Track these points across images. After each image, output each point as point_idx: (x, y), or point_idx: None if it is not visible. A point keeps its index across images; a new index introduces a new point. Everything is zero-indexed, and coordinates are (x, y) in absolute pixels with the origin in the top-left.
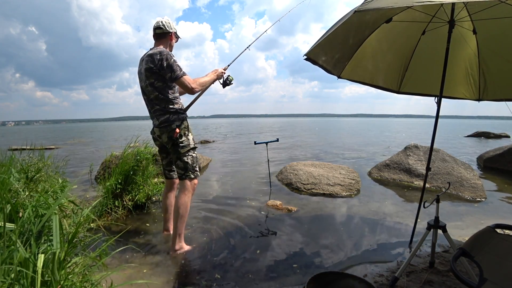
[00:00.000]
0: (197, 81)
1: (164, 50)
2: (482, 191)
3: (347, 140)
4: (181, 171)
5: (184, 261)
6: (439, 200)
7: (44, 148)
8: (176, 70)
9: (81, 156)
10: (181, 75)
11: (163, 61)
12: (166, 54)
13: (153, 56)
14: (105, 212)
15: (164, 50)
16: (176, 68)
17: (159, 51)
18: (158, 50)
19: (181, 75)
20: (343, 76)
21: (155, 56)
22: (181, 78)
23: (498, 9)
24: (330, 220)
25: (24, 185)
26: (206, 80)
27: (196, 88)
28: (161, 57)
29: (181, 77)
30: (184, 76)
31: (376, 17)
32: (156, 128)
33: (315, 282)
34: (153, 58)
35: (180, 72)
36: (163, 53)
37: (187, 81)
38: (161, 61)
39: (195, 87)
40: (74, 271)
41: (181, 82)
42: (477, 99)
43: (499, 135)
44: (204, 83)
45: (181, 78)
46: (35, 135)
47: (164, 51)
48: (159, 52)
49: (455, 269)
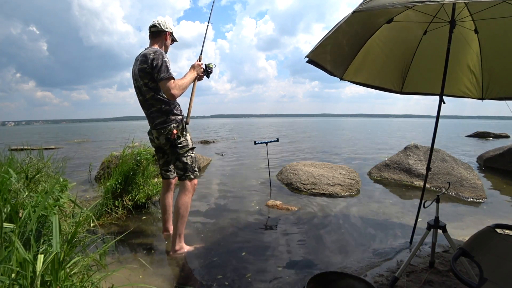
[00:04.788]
0: (178, 85)
1: (158, 50)
2: (482, 191)
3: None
4: (181, 172)
5: (184, 262)
6: (439, 200)
7: (44, 148)
8: (162, 71)
9: (81, 156)
10: (165, 77)
11: (154, 60)
12: (159, 54)
13: (147, 56)
14: (105, 212)
15: (158, 50)
16: (164, 69)
17: (153, 50)
18: (152, 49)
19: (165, 77)
20: (345, 78)
21: (148, 56)
22: (163, 81)
23: (499, 8)
24: (330, 220)
25: (24, 185)
26: (186, 82)
27: (176, 93)
28: (154, 56)
29: (165, 79)
30: (167, 79)
31: (377, 18)
32: (153, 130)
33: (315, 282)
34: (147, 58)
35: (165, 74)
36: (156, 52)
37: (168, 85)
38: (152, 60)
39: (175, 92)
40: (74, 272)
41: (163, 84)
42: (480, 98)
43: (499, 135)
44: (185, 85)
45: (163, 81)
46: (35, 135)
47: (158, 50)
48: (153, 51)
49: (455, 269)
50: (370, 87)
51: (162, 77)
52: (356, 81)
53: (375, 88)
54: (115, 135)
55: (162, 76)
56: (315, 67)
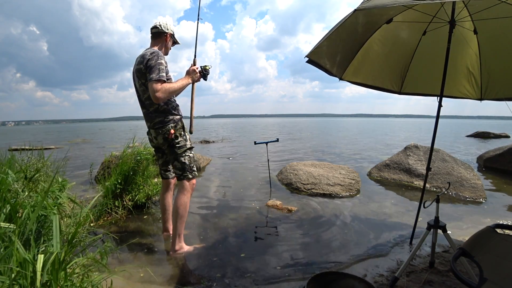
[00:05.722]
0: (164, 88)
1: (156, 51)
2: (482, 191)
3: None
4: (179, 171)
5: (184, 261)
6: (439, 200)
7: (44, 148)
8: (153, 72)
9: (81, 156)
10: (154, 79)
11: (149, 61)
12: (155, 55)
13: (144, 57)
14: (105, 212)
15: (156, 51)
16: (155, 70)
17: (150, 51)
18: (150, 50)
19: (153, 79)
20: (344, 78)
21: (145, 56)
22: (151, 82)
23: (498, 9)
24: (330, 220)
25: (23, 185)
26: (175, 87)
27: (161, 96)
28: (150, 57)
29: (153, 80)
30: (155, 81)
31: (376, 18)
32: (151, 129)
33: (315, 282)
34: (143, 59)
35: (155, 75)
36: (153, 53)
37: (154, 87)
38: (148, 61)
39: (159, 95)
40: (74, 272)
41: (150, 85)
42: (479, 98)
43: (499, 135)
44: (172, 90)
45: (151, 82)
46: (35, 135)
47: (155, 52)
48: (150, 52)
49: (455, 269)
50: (370, 87)
51: (151, 78)
52: (355, 81)
53: (374, 88)
54: (115, 135)
55: (151, 77)
56: (315, 67)
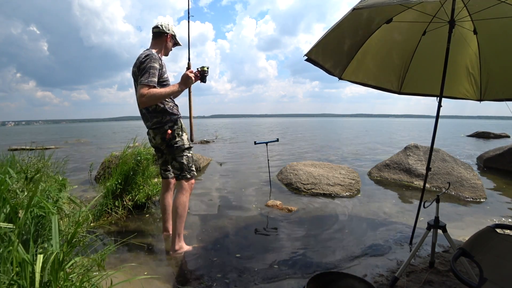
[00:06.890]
0: (150, 93)
1: (150, 53)
2: (482, 191)
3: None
4: (177, 171)
5: (184, 261)
6: (439, 200)
7: (44, 148)
8: (143, 75)
9: (81, 156)
10: (142, 82)
11: (142, 64)
12: (150, 58)
13: (139, 58)
14: (105, 212)
15: (150, 54)
16: (145, 74)
17: (146, 53)
18: (146, 52)
19: (142, 82)
20: (344, 77)
21: (140, 59)
22: (140, 85)
23: (498, 9)
24: (330, 220)
25: (23, 185)
26: (163, 93)
27: (145, 102)
28: (144, 59)
29: (141, 84)
30: (143, 85)
31: (376, 18)
32: (150, 129)
33: (315, 282)
34: (139, 61)
35: (144, 79)
36: (148, 56)
37: (142, 91)
38: (141, 63)
39: (143, 100)
40: (73, 272)
41: (139, 88)
42: (478, 99)
43: (499, 135)
44: (159, 96)
45: (140, 85)
46: (35, 135)
47: (149, 54)
48: (145, 54)
49: (455, 269)
50: (369, 86)
51: (141, 81)
52: (355, 81)
53: (373, 87)
54: (116, 135)
55: (141, 80)
56: (315, 67)
